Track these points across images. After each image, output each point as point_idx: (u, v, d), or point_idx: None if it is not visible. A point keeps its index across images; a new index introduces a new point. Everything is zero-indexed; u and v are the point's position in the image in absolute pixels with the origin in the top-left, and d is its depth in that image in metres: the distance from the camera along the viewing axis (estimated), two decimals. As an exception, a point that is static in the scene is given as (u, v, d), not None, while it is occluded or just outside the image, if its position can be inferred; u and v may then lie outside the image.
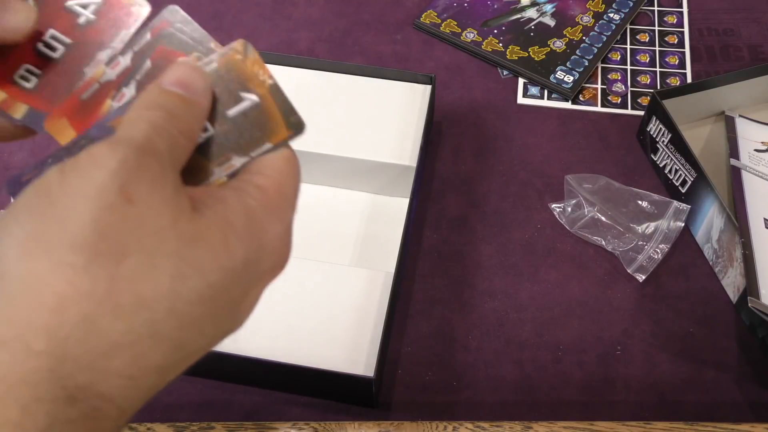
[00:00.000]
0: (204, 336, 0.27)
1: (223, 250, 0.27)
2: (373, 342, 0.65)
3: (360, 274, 0.69)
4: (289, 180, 0.30)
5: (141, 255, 0.25)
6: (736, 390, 0.69)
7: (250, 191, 0.29)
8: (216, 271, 0.27)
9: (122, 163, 0.26)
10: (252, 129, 0.30)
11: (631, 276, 0.75)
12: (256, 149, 0.30)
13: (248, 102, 0.30)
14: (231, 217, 0.28)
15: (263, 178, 0.30)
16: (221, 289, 0.27)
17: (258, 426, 0.65)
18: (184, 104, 0.29)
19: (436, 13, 0.96)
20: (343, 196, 0.80)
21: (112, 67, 0.32)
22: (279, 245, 0.29)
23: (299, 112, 0.31)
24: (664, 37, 0.95)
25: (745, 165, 0.77)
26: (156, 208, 0.26)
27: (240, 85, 0.31)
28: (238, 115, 0.31)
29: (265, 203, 0.29)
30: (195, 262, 0.26)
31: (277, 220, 0.29)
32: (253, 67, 0.31)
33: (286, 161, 0.31)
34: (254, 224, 0.28)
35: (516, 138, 0.86)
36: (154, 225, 0.25)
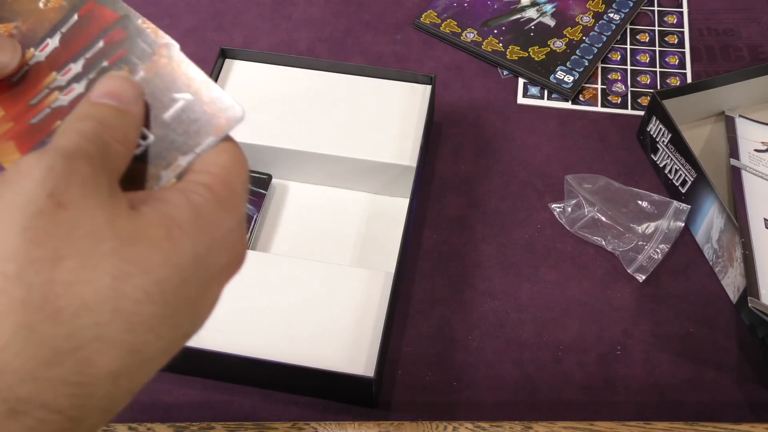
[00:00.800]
0: (161, 338, 0.26)
1: (168, 246, 0.26)
2: (373, 342, 0.65)
3: (360, 274, 0.69)
4: (235, 174, 0.30)
5: (77, 257, 0.24)
6: (736, 390, 0.69)
7: (195, 189, 0.28)
8: (161, 267, 0.25)
9: (49, 169, 0.25)
10: (191, 126, 0.30)
11: (631, 276, 0.75)
12: (200, 145, 0.30)
13: (182, 101, 0.31)
14: (174, 213, 0.27)
15: (208, 176, 0.29)
16: (172, 286, 0.26)
17: (258, 426, 0.65)
18: (116, 113, 0.29)
19: (436, 13, 0.96)
20: (343, 196, 0.80)
21: (40, 50, 0.33)
22: (232, 239, 0.29)
23: (235, 100, 0.31)
24: (664, 37, 0.95)
25: (745, 165, 0.77)
26: (89, 210, 0.25)
27: (171, 87, 0.31)
28: (175, 117, 0.31)
29: (212, 199, 0.28)
30: (137, 259, 0.25)
31: (226, 214, 0.28)
32: (180, 67, 0.31)
33: (230, 155, 0.30)
34: (201, 219, 0.27)
35: (516, 138, 0.86)
36: (88, 226, 0.25)
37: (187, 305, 0.27)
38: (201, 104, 0.31)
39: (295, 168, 0.79)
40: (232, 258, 0.29)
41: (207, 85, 0.31)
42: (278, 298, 0.68)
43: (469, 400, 0.68)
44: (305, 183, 0.81)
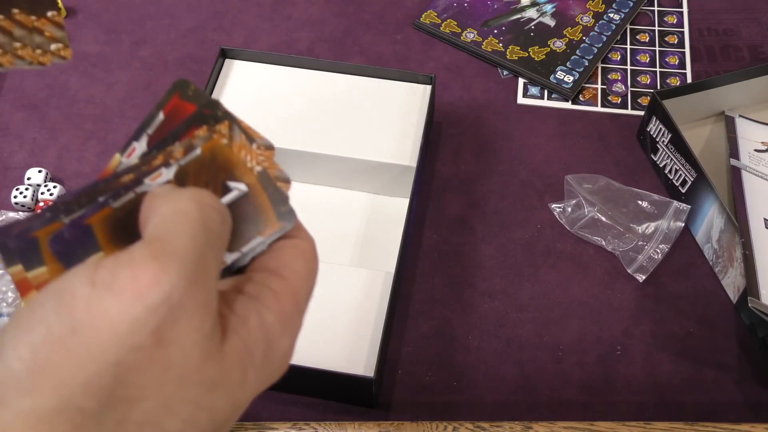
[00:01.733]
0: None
1: (239, 391, 0.25)
2: (373, 342, 0.65)
3: (360, 274, 0.69)
4: (304, 284, 0.28)
5: (158, 400, 0.23)
6: (736, 390, 0.69)
7: (266, 301, 0.27)
8: (228, 410, 0.25)
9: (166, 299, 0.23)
10: (241, 222, 0.28)
11: (631, 276, 0.75)
12: (246, 244, 0.28)
13: (236, 192, 0.28)
14: (252, 345, 0.26)
15: (279, 282, 0.27)
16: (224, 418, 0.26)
17: (258, 426, 0.65)
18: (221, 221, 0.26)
19: (436, 13, 0.96)
20: (343, 196, 0.80)
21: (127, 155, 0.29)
22: (284, 357, 0.28)
23: (290, 202, 0.29)
24: (664, 37, 0.95)
25: (745, 165, 0.77)
26: (187, 352, 0.23)
27: (226, 173, 0.28)
28: (227, 207, 0.28)
29: (280, 315, 0.27)
30: (211, 406, 0.24)
31: (288, 336, 0.27)
32: (240, 152, 0.28)
33: (305, 262, 0.28)
34: (270, 349, 0.26)
35: (516, 138, 0.86)
36: (180, 369, 0.23)
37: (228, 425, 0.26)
38: (255, 198, 0.28)
39: (295, 168, 0.79)
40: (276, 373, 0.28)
41: (266, 179, 0.28)
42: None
43: (469, 400, 0.68)
44: (305, 183, 0.81)
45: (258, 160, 0.28)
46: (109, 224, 0.27)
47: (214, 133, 0.28)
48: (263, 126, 0.78)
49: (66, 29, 0.39)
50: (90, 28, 0.96)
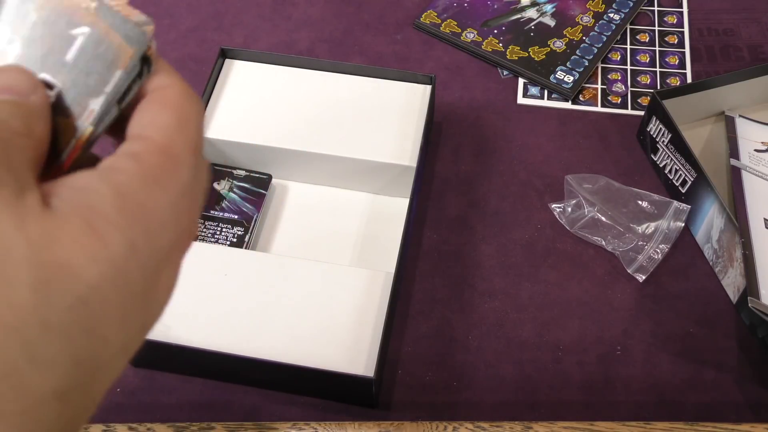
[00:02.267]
0: (111, 341, 0.23)
1: (92, 241, 0.22)
2: (373, 342, 0.65)
3: (360, 274, 0.69)
4: (177, 134, 0.26)
5: None
6: (736, 390, 0.69)
7: (120, 165, 0.24)
8: (90, 265, 0.22)
9: None
10: (95, 63, 0.27)
11: (631, 276, 0.75)
12: (109, 83, 0.27)
13: (81, 37, 0.27)
14: (94, 201, 0.23)
15: (140, 143, 0.25)
16: (108, 283, 0.23)
17: (258, 426, 0.65)
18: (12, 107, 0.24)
19: (436, 13, 0.96)
20: (343, 196, 0.80)
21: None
22: (174, 215, 0.25)
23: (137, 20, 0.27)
24: (664, 37, 0.95)
25: (745, 165, 0.77)
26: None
27: (67, 22, 0.27)
28: (77, 56, 0.27)
29: (141, 173, 0.24)
30: (56, 262, 0.22)
31: (160, 189, 0.25)
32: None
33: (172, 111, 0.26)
34: (128, 202, 0.24)
35: (516, 138, 0.86)
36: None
37: (135, 299, 0.24)
38: (102, 35, 0.27)
39: (295, 168, 0.79)
40: (178, 234, 0.25)
41: (104, 11, 0.27)
42: (278, 298, 0.68)
43: (469, 400, 0.68)
44: (305, 183, 0.81)
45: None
46: None
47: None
48: (263, 126, 0.79)
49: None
50: (90, 28, 0.96)
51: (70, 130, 0.27)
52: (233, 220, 0.76)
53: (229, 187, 0.78)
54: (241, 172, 0.79)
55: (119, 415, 0.68)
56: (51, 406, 0.22)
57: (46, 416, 0.22)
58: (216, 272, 0.69)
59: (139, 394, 0.69)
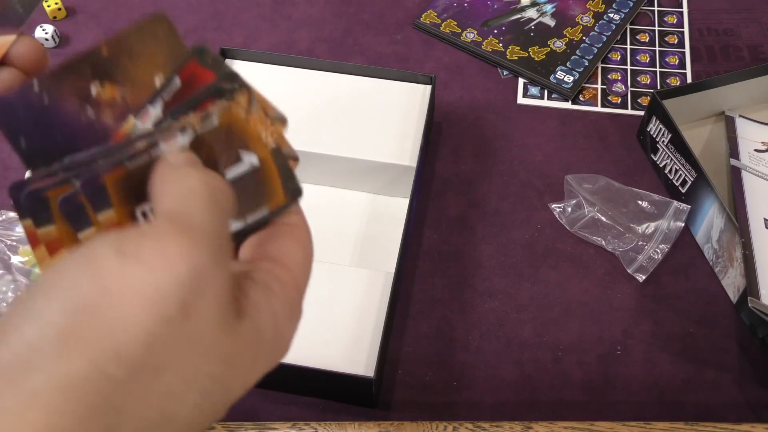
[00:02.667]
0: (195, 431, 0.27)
1: (250, 371, 0.27)
2: (373, 342, 0.65)
3: (360, 274, 0.69)
4: (304, 272, 0.29)
5: (181, 372, 0.24)
6: (736, 390, 0.69)
7: (275, 289, 0.28)
8: (239, 388, 0.26)
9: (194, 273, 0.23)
10: (249, 193, 0.28)
11: (631, 276, 0.75)
12: (252, 214, 0.29)
13: (248, 164, 0.28)
14: (262, 329, 0.27)
15: (284, 272, 0.28)
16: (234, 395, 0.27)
17: (258, 426, 0.65)
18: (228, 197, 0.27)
19: (436, 13, 0.96)
20: (343, 196, 0.80)
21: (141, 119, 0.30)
22: (286, 345, 0.29)
23: (298, 179, 0.29)
24: (664, 37, 0.95)
25: (745, 165, 0.77)
26: (210, 326, 0.24)
27: (241, 143, 0.28)
28: (236, 177, 0.28)
29: (286, 303, 0.28)
30: (226, 382, 0.25)
31: (293, 323, 0.29)
32: (256, 126, 0.28)
33: (303, 251, 0.30)
34: (278, 335, 0.27)
35: (516, 138, 0.86)
36: (203, 344, 0.24)
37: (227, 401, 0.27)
38: (265, 172, 0.29)
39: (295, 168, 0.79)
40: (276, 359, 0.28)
41: (278, 155, 0.29)
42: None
43: (469, 400, 0.68)
44: (305, 183, 0.81)
45: (272, 134, 0.29)
46: (122, 184, 0.27)
47: (233, 104, 0.28)
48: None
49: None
50: (90, 28, 0.96)
51: None
52: (233, 220, 0.76)
53: (229, 187, 0.78)
54: (241, 172, 0.79)
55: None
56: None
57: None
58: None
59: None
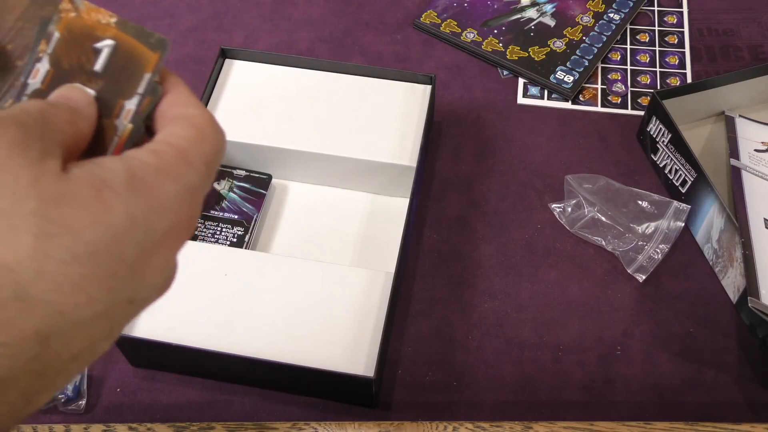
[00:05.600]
0: (95, 300, 0.26)
1: (97, 207, 0.25)
2: (373, 342, 0.65)
3: (360, 274, 0.69)
4: (194, 146, 0.29)
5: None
6: (736, 390, 0.69)
7: (138, 155, 0.28)
8: (90, 227, 0.25)
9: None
10: (124, 69, 0.30)
11: (631, 276, 0.75)
12: (138, 85, 0.30)
13: (107, 49, 0.30)
14: (107, 174, 0.26)
15: (160, 144, 0.29)
16: (103, 247, 0.25)
17: (258, 426, 0.65)
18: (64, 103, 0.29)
19: (436, 13, 0.96)
20: (343, 196, 0.80)
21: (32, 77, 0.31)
22: (175, 204, 0.28)
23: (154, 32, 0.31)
24: (664, 37, 0.95)
25: (745, 165, 0.77)
26: (13, 171, 0.24)
27: (90, 38, 0.30)
28: (105, 66, 0.30)
29: (156, 164, 0.28)
30: (61, 219, 0.25)
31: (169, 179, 0.28)
32: (91, 15, 0.30)
33: (195, 129, 0.30)
34: (137, 182, 0.27)
35: (516, 138, 0.86)
36: (10, 186, 0.24)
37: (125, 268, 0.26)
38: (125, 45, 0.30)
39: (295, 168, 0.79)
40: (175, 223, 0.28)
41: (124, 25, 0.31)
42: (278, 298, 0.68)
43: (469, 400, 0.68)
44: (305, 183, 0.81)
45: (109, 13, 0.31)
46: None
47: (61, 12, 0.30)
48: (263, 126, 0.79)
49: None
50: (90, 28, 0.96)
51: (111, 129, 0.31)
52: (233, 220, 0.76)
53: (229, 187, 0.78)
54: (241, 172, 0.79)
55: (119, 415, 0.68)
56: (30, 346, 0.24)
57: (24, 353, 0.24)
58: (216, 272, 0.69)
59: (139, 394, 0.69)
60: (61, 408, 0.67)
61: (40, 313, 0.24)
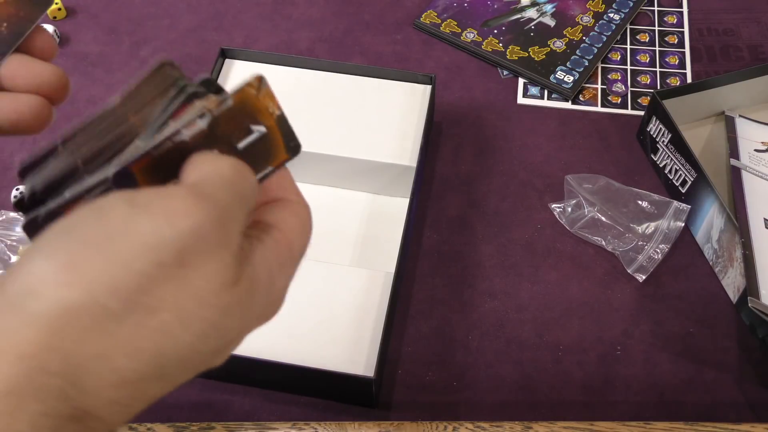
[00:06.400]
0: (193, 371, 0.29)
1: (248, 316, 0.29)
2: (373, 342, 0.65)
3: (360, 274, 0.69)
4: (298, 238, 0.32)
5: (175, 313, 0.26)
6: (736, 390, 0.69)
7: (268, 243, 0.30)
8: (236, 332, 0.29)
9: (195, 230, 0.26)
10: (257, 156, 0.32)
11: (631, 276, 0.75)
12: (259, 173, 0.32)
13: (257, 134, 0.32)
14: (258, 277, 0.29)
15: (277, 232, 0.31)
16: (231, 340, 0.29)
17: (258, 426, 0.65)
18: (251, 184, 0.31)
19: (436, 13, 0.96)
20: (343, 196, 0.80)
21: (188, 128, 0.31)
22: (279, 297, 0.31)
23: (298, 137, 0.33)
24: (664, 37, 0.95)
25: (745, 165, 0.77)
26: (207, 278, 0.27)
27: (251, 118, 0.32)
28: (247, 146, 0.32)
29: (278, 257, 0.31)
30: (224, 328, 0.27)
31: (284, 276, 0.31)
32: (265, 100, 0.32)
33: (299, 221, 0.33)
34: (272, 284, 0.30)
35: (516, 138, 0.86)
36: (198, 292, 0.26)
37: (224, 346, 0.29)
38: (272, 138, 0.32)
39: (295, 168, 0.79)
40: (272, 311, 0.31)
41: (282, 120, 0.33)
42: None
43: (469, 400, 0.68)
44: (305, 183, 0.81)
45: (278, 105, 0.33)
46: (149, 170, 0.30)
47: (245, 85, 0.32)
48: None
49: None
50: (90, 28, 0.96)
51: None
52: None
53: (229, 187, 0.78)
54: (241, 172, 0.79)
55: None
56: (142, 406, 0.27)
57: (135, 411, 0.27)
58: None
59: (139, 394, 0.69)
60: (61, 408, 0.67)
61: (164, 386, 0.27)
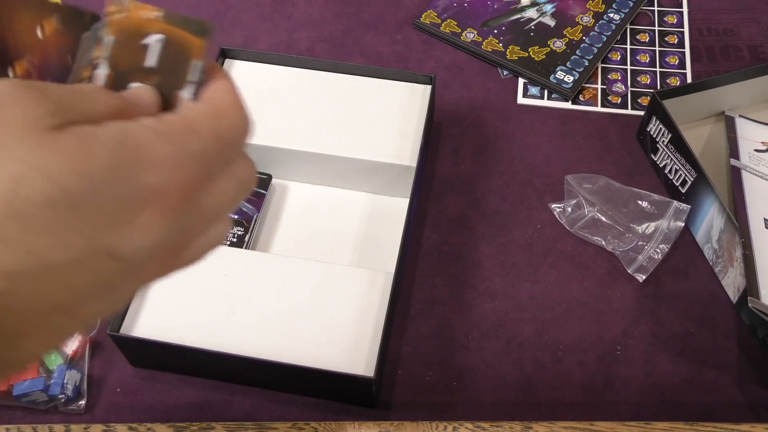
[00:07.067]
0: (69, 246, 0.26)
1: (77, 155, 0.26)
2: (373, 342, 0.65)
3: (360, 274, 0.69)
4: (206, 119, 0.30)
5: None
6: (736, 390, 0.69)
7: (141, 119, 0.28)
8: (67, 173, 0.25)
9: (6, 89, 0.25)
10: (175, 61, 0.31)
11: (631, 276, 0.75)
12: (189, 74, 0.31)
13: (157, 44, 0.31)
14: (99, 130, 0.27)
15: (170, 115, 0.29)
16: (80, 194, 0.25)
17: (258, 426, 0.65)
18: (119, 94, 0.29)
19: (436, 13, 0.96)
20: (343, 196, 0.80)
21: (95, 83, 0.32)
22: (167, 165, 0.28)
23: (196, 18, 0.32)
24: (664, 37, 0.95)
25: (745, 165, 0.77)
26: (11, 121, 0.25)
27: (140, 35, 0.31)
28: (158, 60, 0.31)
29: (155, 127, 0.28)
30: (40, 164, 0.25)
31: (166, 141, 0.28)
32: (138, 12, 0.31)
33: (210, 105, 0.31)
34: (129, 138, 0.27)
35: (516, 138, 0.86)
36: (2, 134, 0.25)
37: (104, 218, 0.26)
38: (173, 37, 0.31)
39: (295, 168, 0.79)
40: (168, 185, 0.28)
41: (170, 17, 0.31)
42: (278, 298, 0.68)
43: (469, 400, 0.68)
44: (305, 183, 0.81)
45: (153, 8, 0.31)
46: None
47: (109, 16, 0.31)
48: (263, 126, 0.79)
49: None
50: (90, 28, 0.96)
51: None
52: (233, 219, 0.76)
53: (229, 187, 0.78)
54: (241, 172, 0.79)
55: (119, 415, 0.68)
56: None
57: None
58: (216, 272, 0.69)
59: (139, 394, 0.69)
60: (61, 408, 0.67)
61: (11, 252, 0.25)
